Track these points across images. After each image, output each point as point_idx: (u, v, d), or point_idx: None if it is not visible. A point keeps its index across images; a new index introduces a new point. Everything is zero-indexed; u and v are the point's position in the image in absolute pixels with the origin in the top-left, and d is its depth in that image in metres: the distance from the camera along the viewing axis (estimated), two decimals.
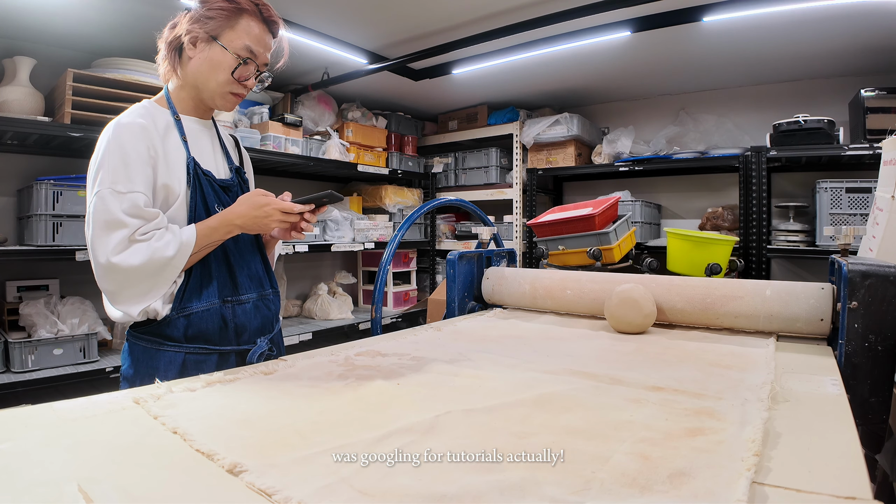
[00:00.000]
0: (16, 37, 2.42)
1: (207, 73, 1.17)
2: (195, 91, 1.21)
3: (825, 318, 1.11)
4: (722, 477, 0.51)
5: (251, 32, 1.18)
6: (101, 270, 1.04)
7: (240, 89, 1.21)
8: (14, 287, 2.37)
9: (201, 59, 1.17)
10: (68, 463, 0.53)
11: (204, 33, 1.16)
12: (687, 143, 3.30)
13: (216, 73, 1.17)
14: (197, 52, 1.17)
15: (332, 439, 0.62)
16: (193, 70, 1.18)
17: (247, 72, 1.19)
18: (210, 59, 1.16)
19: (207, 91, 1.19)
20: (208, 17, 1.15)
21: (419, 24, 2.46)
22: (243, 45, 1.17)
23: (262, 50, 1.21)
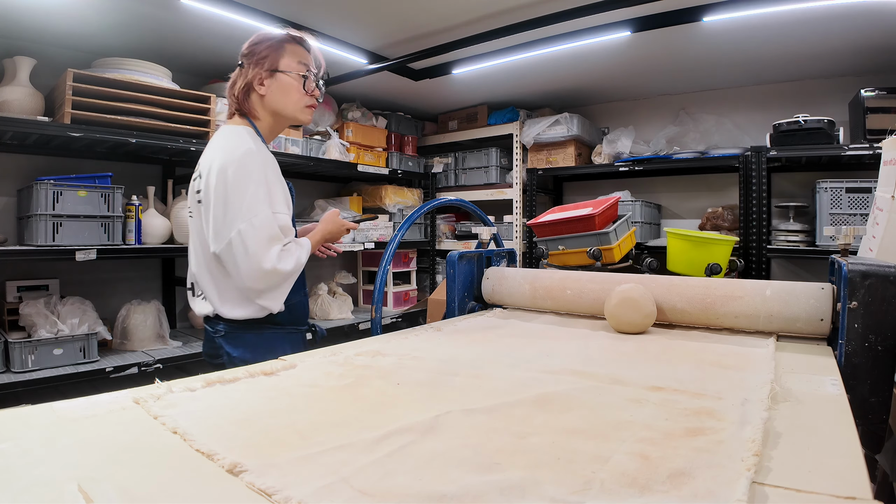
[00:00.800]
0: (16, 37, 2.42)
1: (283, 98, 1.42)
2: (276, 117, 1.45)
3: (825, 319, 1.11)
4: (722, 477, 0.51)
5: (297, 53, 1.44)
6: (262, 274, 1.28)
7: (312, 100, 1.47)
8: (14, 287, 2.37)
9: (273, 90, 1.41)
10: (68, 463, 0.53)
11: (265, 71, 1.40)
12: (687, 143, 3.30)
13: (290, 94, 1.42)
14: (267, 88, 1.41)
15: (332, 439, 0.62)
16: (270, 101, 1.42)
17: (311, 83, 1.45)
18: (280, 87, 1.41)
19: (289, 111, 1.44)
20: (262, 58, 1.41)
21: (419, 24, 2.46)
22: (298, 64, 1.43)
23: (311, 63, 1.47)
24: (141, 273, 2.95)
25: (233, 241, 1.27)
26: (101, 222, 2.24)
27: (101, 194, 2.23)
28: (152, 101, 2.36)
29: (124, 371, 2.26)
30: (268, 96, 1.41)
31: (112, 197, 2.26)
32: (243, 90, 1.42)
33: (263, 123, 1.45)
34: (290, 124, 1.51)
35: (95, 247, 2.18)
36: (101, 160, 2.67)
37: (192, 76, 3.03)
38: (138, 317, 2.56)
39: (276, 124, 1.47)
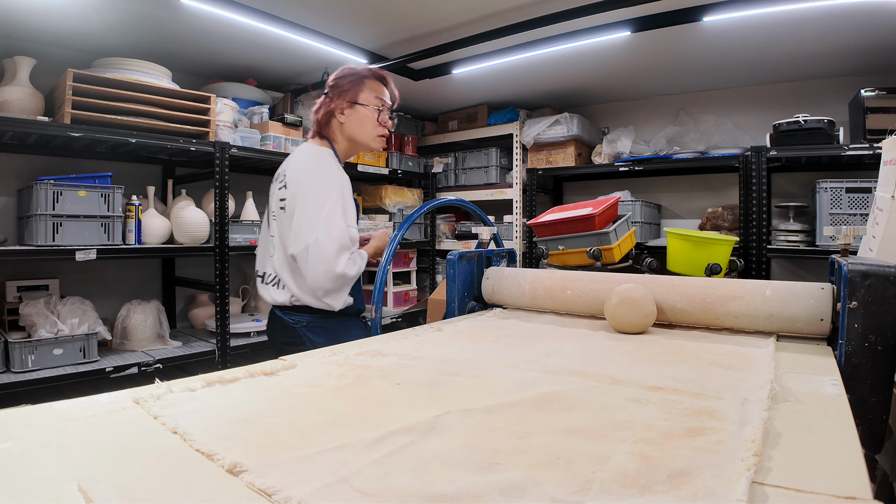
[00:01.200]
0: (16, 36, 2.42)
1: (359, 127, 1.66)
2: (351, 143, 1.69)
3: (825, 319, 1.11)
4: (722, 477, 0.51)
5: (375, 88, 1.67)
6: (333, 276, 1.51)
7: (384, 131, 1.69)
8: (14, 287, 2.37)
9: (352, 120, 1.65)
10: (68, 463, 0.53)
11: (346, 102, 1.64)
12: (687, 143, 3.30)
13: (366, 124, 1.66)
14: (346, 117, 1.65)
15: (332, 439, 0.62)
16: (348, 129, 1.66)
17: (385, 116, 1.68)
18: (358, 117, 1.65)
19: (363, 139, 1.68)
20: (344, 91, 1.65)
21: (419, 23, 2.46)
22: (375, 98, 1.66)
23: (386, 98, 1.70)
24: (141, 273, 2.95)
25: (310, 246, 1.49)
26: (100, 222, 2.24)
27: (100, 194, 2.23)
28: (152, 101, 2.36)
29: (124, 371, 2.26)
30: (346, 124, 1.65)
31: (112, 197, 2.26)
32: (325, 116, 1.66)
33: (340, 146, 1.69)
34: (363, 150, 1.74)
35: (95, 247, 2.18)
36: (101, 160, 2.68)
37: (192, 76, 3.03)
38: (138, 317, 2.56)
39: (351, 149, 1.71)
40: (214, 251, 2.59)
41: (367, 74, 1.67)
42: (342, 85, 1.65)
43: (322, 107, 1.67)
